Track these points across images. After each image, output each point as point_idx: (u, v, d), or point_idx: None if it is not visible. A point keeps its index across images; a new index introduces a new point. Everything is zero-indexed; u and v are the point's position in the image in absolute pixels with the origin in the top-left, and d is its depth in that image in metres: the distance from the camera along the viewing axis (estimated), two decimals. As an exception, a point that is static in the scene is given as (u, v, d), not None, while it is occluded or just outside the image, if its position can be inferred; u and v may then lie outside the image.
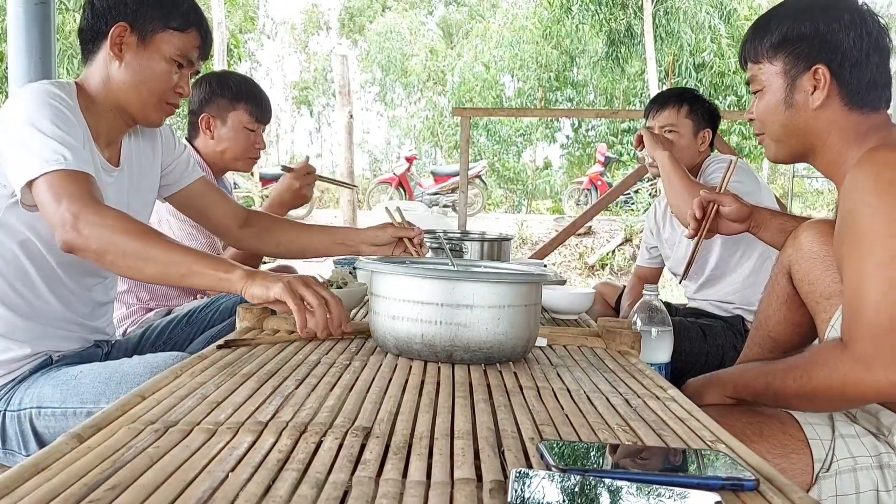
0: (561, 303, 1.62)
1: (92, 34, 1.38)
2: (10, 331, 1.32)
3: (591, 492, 0.56)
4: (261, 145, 2.15)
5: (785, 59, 1.23)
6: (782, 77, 1.23)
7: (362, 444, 0.69)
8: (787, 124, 1.25)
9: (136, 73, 1.37)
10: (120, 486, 0.55)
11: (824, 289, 1.34)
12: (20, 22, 2.47)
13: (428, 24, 20.36)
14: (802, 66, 1.21)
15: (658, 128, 2.26)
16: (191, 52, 1.41)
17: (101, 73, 1.37)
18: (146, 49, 1.37)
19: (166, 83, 1.39)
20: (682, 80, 14.69)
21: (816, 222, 1.43)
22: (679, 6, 14.66)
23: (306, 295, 1.13)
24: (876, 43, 1.18)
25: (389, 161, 20.24)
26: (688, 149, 2.24)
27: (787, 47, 1.22)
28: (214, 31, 11.74)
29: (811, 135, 1.24)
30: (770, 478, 0.65)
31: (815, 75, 1.19)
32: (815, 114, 1.21)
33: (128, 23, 1.35)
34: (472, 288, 1.02)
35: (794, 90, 1.23)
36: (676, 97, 2.28)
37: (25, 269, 1.32)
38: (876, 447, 1.16)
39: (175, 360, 1.29)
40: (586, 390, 0.96)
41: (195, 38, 1.41)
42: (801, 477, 1.14)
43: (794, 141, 1.27)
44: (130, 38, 1.36)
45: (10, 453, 1.32)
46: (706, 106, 2.29)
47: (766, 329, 1.52)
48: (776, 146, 1.31)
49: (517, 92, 17.29)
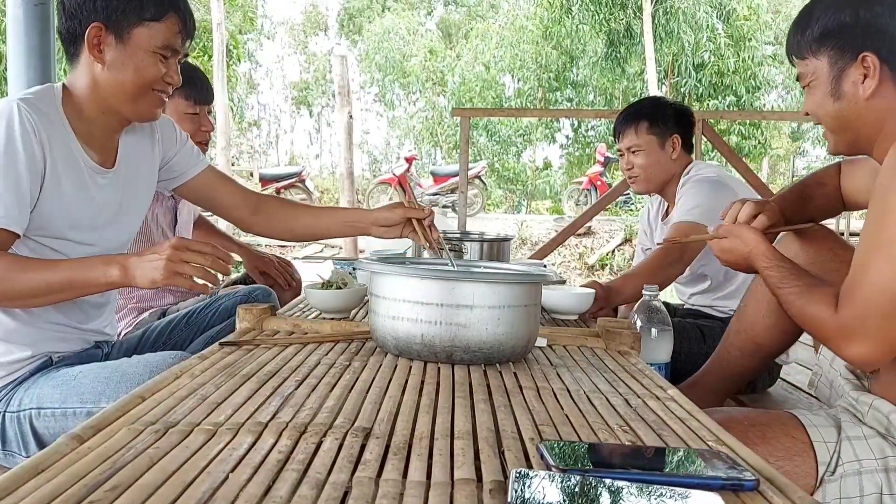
0: (561, 303, 1.62)
1: (69, 36, 1.33)
2: (11, 335, 1.32)
3: (592, 492, 0.56)
4: (208, 127, 2.07)
5: (830, 52, 1.18)
6: (829, 69, 1.19)
7: (362, 444, 0.69)
8: (838, 116, 1.21)
9: (121, 72, 1.31)
10: (120, 487, 0.55)
11: None
12: (20, 22, 2.47)
13: (427, 25, 20.36)
14: (849, 57, 1.16)
15: (625, 149, 2.25)
16: (173, 40, 1.34)
17: (86, 77, 1.33)
18: (126, 46, 1.30)
19: (153, 77, 1.33)
20: (682, 80, 14.71)
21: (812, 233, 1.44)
22: (678, 6, 14.67)
23: (194, 258, 1.20)
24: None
25: (389, 161, 20.25)
26: (658, 164, 2.22)
27: (831, 39, 1.18)
28: (214, 32, 11.71)
29: (867, 125, 1.19)
30: (770, 478, 0.65)
31: (864, 63, 1.15)
32: (867, 103, 1.16)
33: (101, 22, 1.29)
34: (472, 288, 1.02)
35: (842, 81, 1.18)
36: (633, 117, 2.24)
37: None
38: (883, 450, 1.14)
39: (175, 359, 1.28)
40: (586, 390, 0.96)
41: (174, 24, 1.33)
42: (805, 480, 1.13)
43: (849, 134, 1.22)
44: (108, 37, 1.30)
45: (9, 454, 1.32)
46: (668, 112, 2.24)
47: (751, 334, 1.52)
48: (834, 139, 1.25)
49: (517, 92, 17.30)
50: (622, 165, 2.31)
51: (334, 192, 13.76)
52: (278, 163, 21.41)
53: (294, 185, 11.07)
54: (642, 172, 2.24)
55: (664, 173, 2.23)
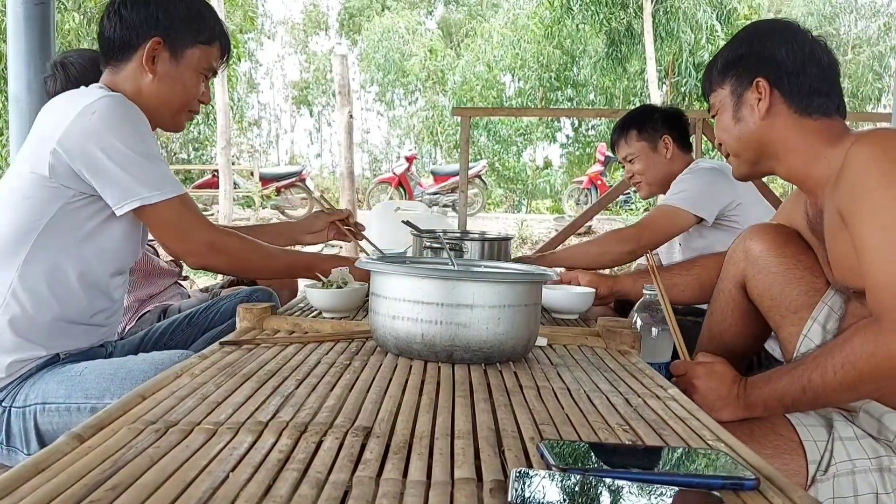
0: (561, 303, 1.62)
1: (121, 44, 1.41)
2: (21, 332, 1.33)
3: (592, 491, 0.56)
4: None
5: (731, 81, 1.34)
6: (731, 97, 1.34)
7: (362, 443, 0.69)
8: (740, 137, 1.33)
9: (169, 86, 1.43)
10: (120, 487, 0.55)
11: (790, 303, 1.35)
12: (20, 22, 2.47)
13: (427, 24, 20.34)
14: (746, 83, 1.31)
15: (623, 160, 2.38)
16: (215, 63, 1.50)
17: (132, 84, 1.41)
18: (178, 64, 1.43)
19: (194, 94, 1.48)
20: (682, 80, 14.69)
21: (763, 229, 1.43)
22: (679, 6, 14.66)
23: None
24: (810, 54, 1.27)
25: (389, 161, 20.24)
26: (654, 166, 2.32)
27: (731, 70, 1.34)
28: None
29: (766, 144, 1.31)
30: (770, 477, 0.65)
31: (758, 88, 1.29)
32: (764, 123, 1.29)
33: (161, 37, 1.40)
34: (472, 288, 1.02)
35: (741, 106, 1.32)
36: (622, 127, 2.36)
37: (67, 270, 1.35)
38: (875, 450, 1.14)
39: (180, 357, 1.31)
40: (586, 390, 0.96)
41: (218, 49, 1.49)
42: (795, 478, 1.13)
43: (750, 153, 1.34)
44: (163, 52, 1.41)
45: (12, 450, 1.33)
46: (655, 116, 2.33)
47: (721, 340, 1.52)
48: (736, 161, 1.38)
49: (517, 92, 17.28)
50: (626, 175, 2.44)
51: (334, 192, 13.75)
52: (278, 162, 21.43)
53: (294, 184, 11.06)
54: (642, 178, 2.34)
55: (662, 174, 2.30)
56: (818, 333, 1.30)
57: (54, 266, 1.34)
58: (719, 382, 1.20)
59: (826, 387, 1.08)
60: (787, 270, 1.35)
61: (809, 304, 1.32)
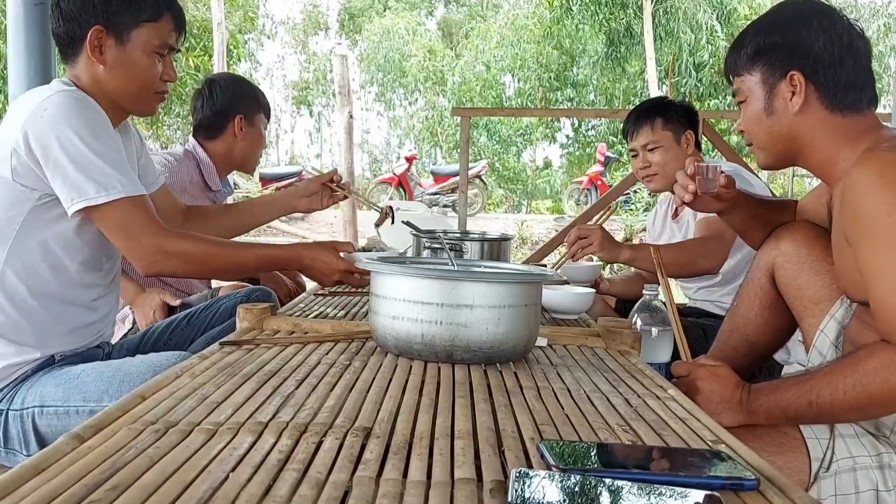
0: (561, 303, 1.62)
1: (67, 38, 1.37)
2: (16, 334, 1.32)
3: (592, 492, 0.56)
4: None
5: (762, 69, 1.27)
6: (761, 86, 1.27)
7: (362, 444, 0.69)
8: (770, 131, 1.28)
9: (122, 72, 1.38)
10: (120, 487, 0.55)
11: (813, 294, 1.35)
12: (20, 22, 2.47)
13: (427, 25, 20.34)
14: (779, 74, 1.24)
15: (640, 147, 2.25)
16: (169, 38, 1.41)
17: (88, 76, 1.38)
18: (126, 48, 1.37)
19: (152, 75, 1.41)
20: (682, 80, 14.68)
21: (799, 226, 1.44)
22: (679, 6, 14.66)
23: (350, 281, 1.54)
24: (848, 45, 1.21)
25: (389, 161, 20.23)
26: (676, 159, 2.21)
27: (762, 58, 1.26)
28: (214, 31, 11.71)
29: (796, 139, 1.27)
30: (770, 477, 0.65)
31: (791, 81, 1.23)
32: (796, 119, 1.24)
33: (101, 24, 1.34)
34: (472, 288, 1.02)
35: (773, 97, 1.26)
36: (646, 113, 2.25)
37: (44, 273, 1.33)
38: (876, 447, 1.15)
39: (177, 359, 1.29)
40: (586, 390, 0.96)
41: (169, 23, 1.41)
42: (798, 476, 1.14)
43: (780, 147, 1.30)
44: (108, 39, 1.36)
45: (11, 453, 1.32)
46: (680, 109, 2.27)
47: (745, 333, 1.51)
48: (763, 154, 1.34)
49: (517, 92, 17.29)
50: (636, 165, 2.30)
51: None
52: (278, 162, 21.39)
53: (294, 184, 11.06)
54: (661, 169, 2.22)
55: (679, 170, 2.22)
56: (834, 329, 1.32)
57: (31, 270, 1.32)
58: (722, 386, 1.19)
59: (834, 405, 1.08)
60: (815, 262, 1.35)
61: (831, 297, 1.33)
